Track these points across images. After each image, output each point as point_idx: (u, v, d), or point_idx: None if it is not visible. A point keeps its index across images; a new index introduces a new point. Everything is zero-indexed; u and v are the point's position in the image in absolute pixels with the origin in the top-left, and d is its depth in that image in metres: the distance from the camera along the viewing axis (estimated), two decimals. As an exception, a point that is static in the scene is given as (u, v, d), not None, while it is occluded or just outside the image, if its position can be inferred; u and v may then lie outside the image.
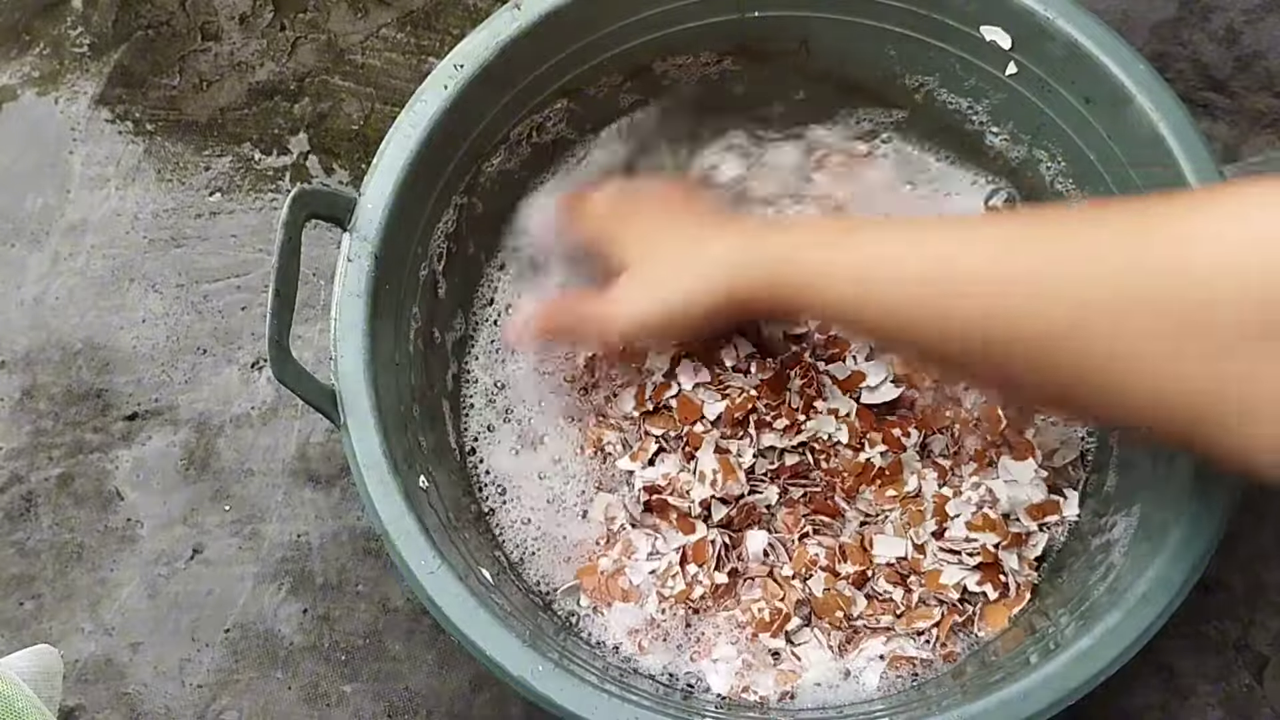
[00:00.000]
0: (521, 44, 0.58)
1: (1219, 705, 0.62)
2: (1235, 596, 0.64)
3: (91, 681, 0.65)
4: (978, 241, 0.45)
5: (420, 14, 0.78)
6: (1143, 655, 0.48)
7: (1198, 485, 0.50)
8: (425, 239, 0.59)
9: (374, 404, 0.52)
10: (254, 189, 0.74)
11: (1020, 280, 0.43)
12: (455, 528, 0.55)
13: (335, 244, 0.55)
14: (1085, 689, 0.48)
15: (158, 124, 0.76)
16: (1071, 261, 0.42)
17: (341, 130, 0.75)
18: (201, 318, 0.71)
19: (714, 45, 0.63)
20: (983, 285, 0.44)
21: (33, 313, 0.72)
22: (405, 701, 0.63)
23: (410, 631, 0.64)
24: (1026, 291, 0.43)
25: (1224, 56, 0.73)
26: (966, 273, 0.45)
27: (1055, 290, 0.42)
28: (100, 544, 0.67)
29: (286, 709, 0.64)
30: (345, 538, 0.66)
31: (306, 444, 0.68)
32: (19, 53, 0.78)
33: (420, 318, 0.59)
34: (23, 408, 0.70)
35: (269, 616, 0.65)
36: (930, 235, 0.48)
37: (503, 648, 0.49)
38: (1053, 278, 0.42)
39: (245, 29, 0.78)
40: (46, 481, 0.68)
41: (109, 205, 0.74)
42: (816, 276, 0.50)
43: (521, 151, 0.63)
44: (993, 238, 0.45)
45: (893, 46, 0.61)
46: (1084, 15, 0.55)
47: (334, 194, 0.54)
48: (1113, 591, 0.51)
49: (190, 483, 0.68)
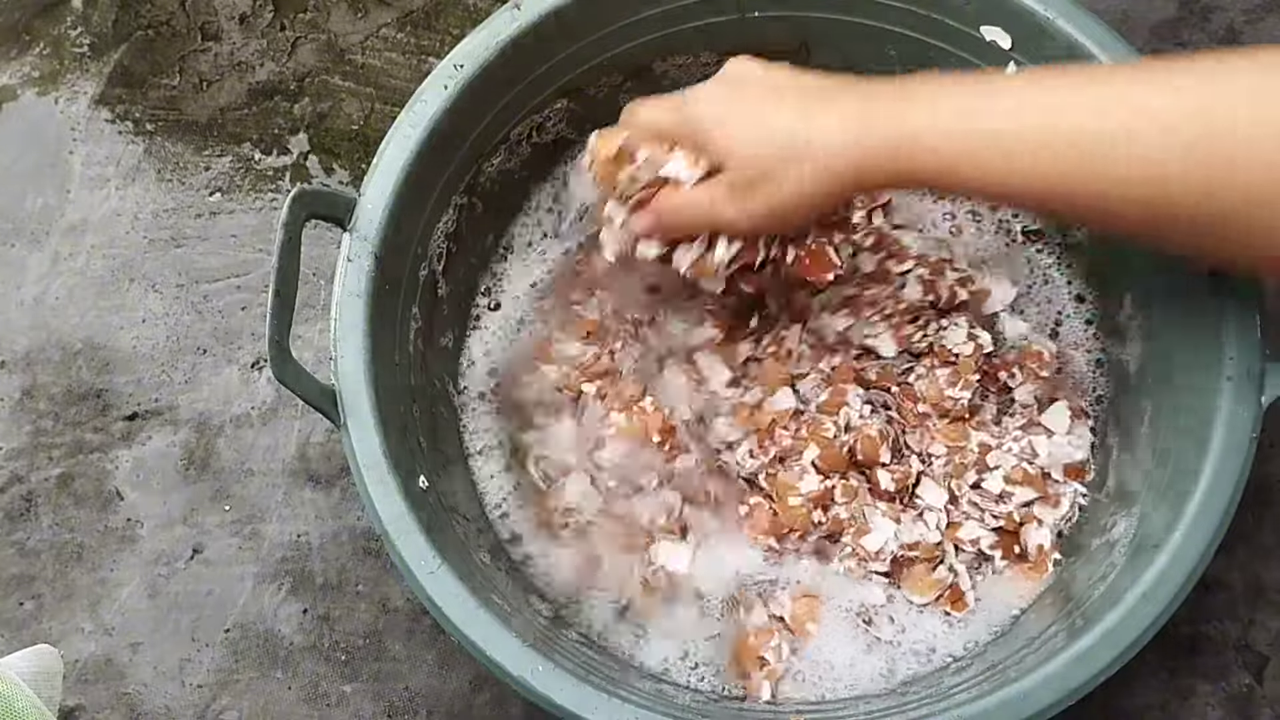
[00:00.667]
0: (521, 44, 0.58)
1: (1219, 705, 0.62)
2: (1235, 596, 0.64)
3: (91, 681, 0.65)
4: (1120, 100, 0.44)
5: (420, 14, 0.78)
6: (1143, 655, 0.48)
7: (1197, 486, 0.50)
8: (425, 239, 0.59)
9: (374, 404, 0.52)
10: (254, 189, 0.74)
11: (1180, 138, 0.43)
12: (456, 528, 0.55)
13: (335, 244, 0.55)
14: (1085, 689, 0.48)
15: (158, 124, 0.76)
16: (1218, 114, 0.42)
17: (341, 130, 0.75)
18: (201, 318, 0.71)
19: (714, 45, 0.63)
20: (1139, 146, 0.43)
21: (33, 313, 0.72)
22: (405, 701, 0.63)
23: (410, 631, 0.64)
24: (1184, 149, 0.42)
25: (1224, 56, 0.73)
26: (1120, 134, 0.44)
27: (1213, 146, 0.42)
28: (100, 544, 0.67)
29: (286, 709, 0.64)
30: (345, 538, 0.66)
31: (306, 444, 0.68)
32: (19, 53, 0.78)
33: (420, 318, 0.59)
34: (23, 408, 0.70)
35: (269, 616, 0.65)
36: (1070, 94, 0.46)
37: (503, 648, 0.49)
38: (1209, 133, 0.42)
39: (245, 29, 0.78)
40: (46, 481, 0.68)
41: (109, 205, 0.74)
42: (959, 156, 0.46)
43: (521, 151, 0.63)
44: (1130, 96, 0.44)
45: (893, 46, 0.61)
46: (1084, 15, 0.55)
47: (334, 194, 0.54)
48: (1113, 591, 0.51)
49: (190, 483, 0.68)
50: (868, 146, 0.48)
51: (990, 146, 0.46)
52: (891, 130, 0.47)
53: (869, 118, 0.48)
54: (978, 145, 0.46)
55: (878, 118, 0.48)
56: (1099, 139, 0.44)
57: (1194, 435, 0.51)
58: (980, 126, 0.46)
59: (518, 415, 0.63)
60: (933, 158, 0.47)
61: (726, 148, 0.51)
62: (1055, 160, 0.45)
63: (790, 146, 0.49)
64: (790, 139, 0.49)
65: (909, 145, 0.47)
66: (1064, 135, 0.45)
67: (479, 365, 0.64)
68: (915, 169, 0.47)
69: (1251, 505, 0.63)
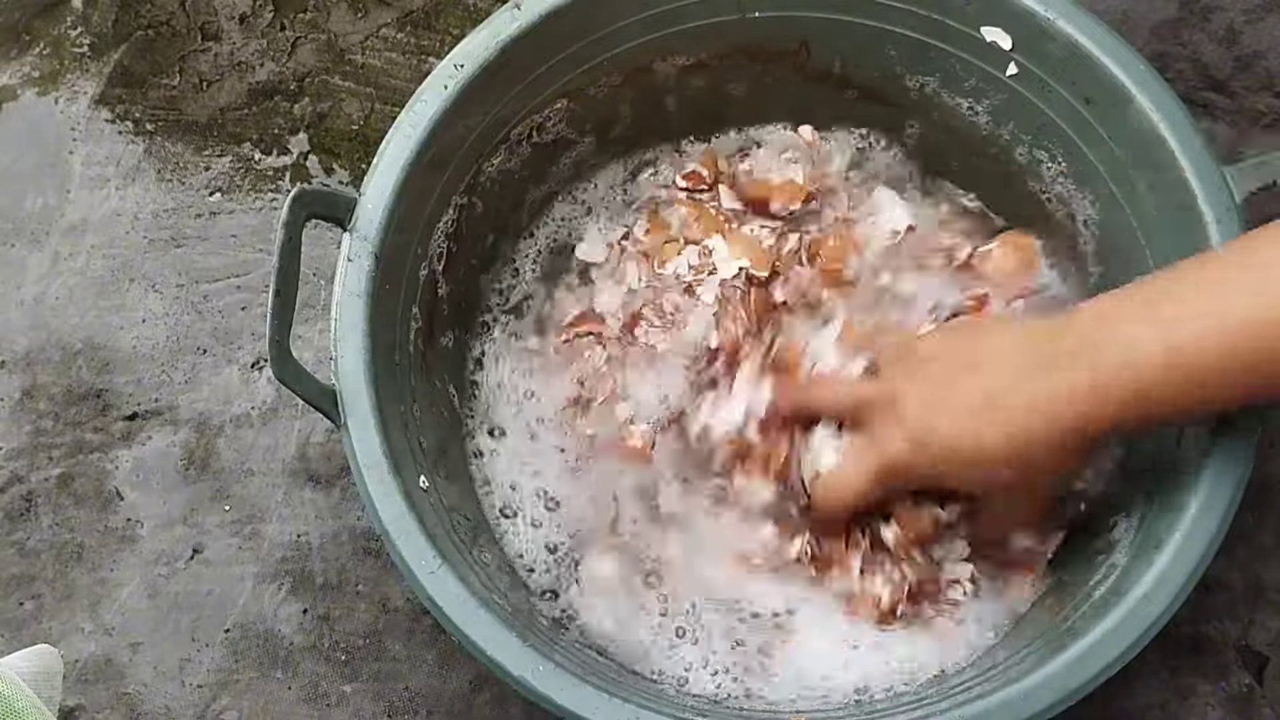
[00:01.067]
0: (521, 44, 0.58)
1: (1219, 705, 0.62)
2: (1235, 596, 0.64)
3: (91, 681, 0.65)
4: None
5: (420, 14, 0.78)
6: (1143, 655, 0.48)
7: (1198, 486, 0.50)
8: (425, 239, 0.59)
9: (374, 404, 0.52)
10: (254, 189, 0.74)
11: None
12: (456, 528, 0.55)
13: (335, 244, 0.55)
14: (1085, 689, 0.48)
15: (158, 124, 0.76)
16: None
17: (341, 130, 0.75)
18: (201, 318, 0.71)
19: (714, 45, 0.63)
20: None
21: (33, 313, 0.72)
22: (405, 701, 0.63)
23: (410, 631, 0.64)
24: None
25: (1224, 56, 0.73)
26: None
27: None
28: (100, 544, 0.67)
29: (286, 709, 0.64)
30: (345, 538, 0.66)
31: (306, 444, 0.68)
32: (19, 53, 0.78)
33: (420, 318, 0.59)
34: (23, 408, 0.70)
35: (269, 616, 0.65)
36: (1238, 299, 0.45)
37: (503, 648, 0.49)
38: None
39: (245, 29, 0.78)
40: (46, 481, 0.68)
41: (109, 205, 0.74)
42: (1154, 386, 0.46)
43: (521, 151, 0.63)
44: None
45: (893, 47, 0.61)
46: (1084, 15, 0.55)
47: (334, 194, 0.54)
48: (1113, 591, 0.51)
49: (190, 483, 0.68)
50: (1091, 402, 0.48)
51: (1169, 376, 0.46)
52: (1115, 379, 0.47)
53: (1094, 372, 0.47)
54: (1164, 377, 0.46)
55: (1100, 373, 0.47)
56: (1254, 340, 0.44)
57: (1194, 435, 0.51)
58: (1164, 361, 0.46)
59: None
60: (1138, 398, 0.47)
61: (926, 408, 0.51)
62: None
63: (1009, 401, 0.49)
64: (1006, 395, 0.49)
65: (1122, 392, 0.47)
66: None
67: (479, 364, 0.64)
68: (1132, 409, 0.47)
69: (1251, 505, 0.63)
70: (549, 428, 0.63)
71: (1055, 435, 0.49)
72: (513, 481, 0.62)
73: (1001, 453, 0.49)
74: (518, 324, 0.66)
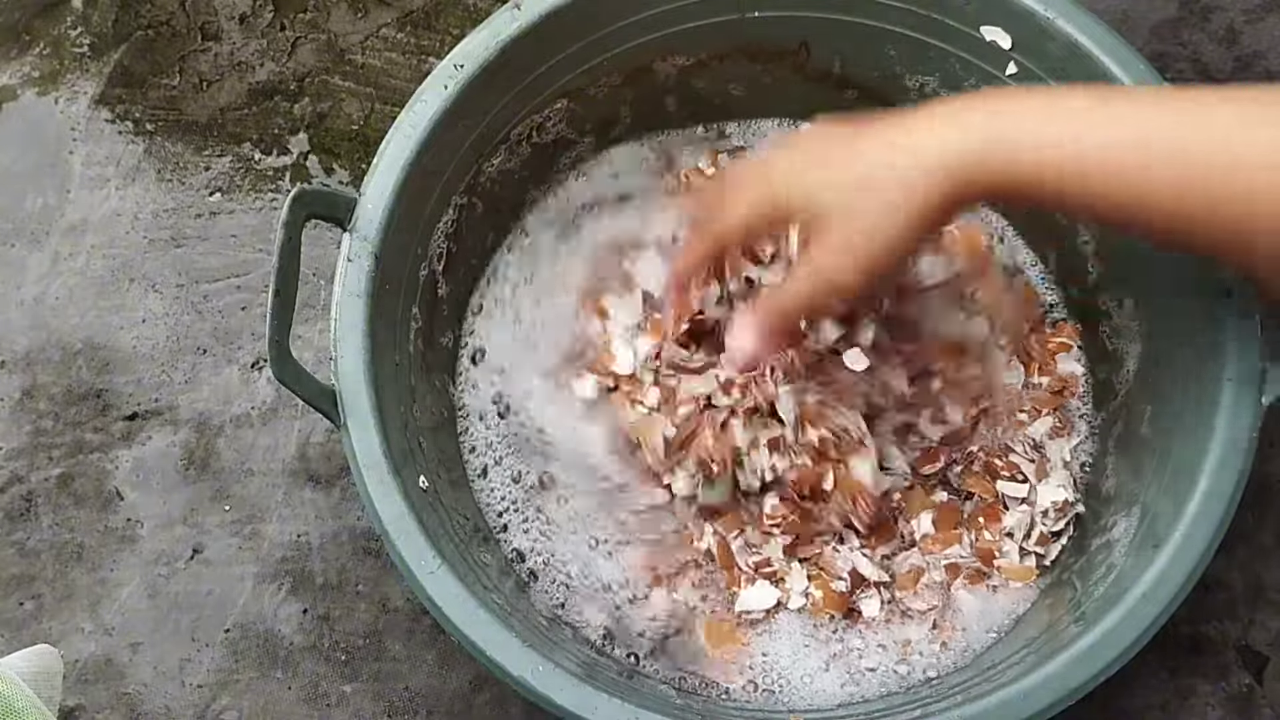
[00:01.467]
0: (521, 44, 0.58)
1: (1219, 705, 0.62)
2: (1235, 596, 0.64)
3: (91, 681, 0.65)
4: (1208, 122, 0.44)
5: (420, 14, 0.78)
6: (1143, 655, 0.48)
7: (1198, 485, 0.50)
8: (425, 239, 0.59)
9: (374, 404, 0.52)
10: (254, 189, 0.74)
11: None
12: (456, 528, 0.55)
13: (335, 244, 0.55)
14: (1085, 689, 0.48)
15: (158, 124, 0.76)
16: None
17: (341, 130, 0.75)
18: (201, 318, 0.71)
19: (714, 45, 0.63)
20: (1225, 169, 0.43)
21: (33, 313, 0.72)
22: (405, 701, 0.63)
23: (410, 631, 0.64)
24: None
25: (1224, 56, 0.73)
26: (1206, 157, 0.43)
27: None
28: (100, 544, 0.67)
29: (286, 709, 0.64)
30: (345, 538, 0.66)
31: (306, 444, 0.68)
32: (19, 53, 0.78)
33: (420, 318, 0.59)
34: (23, 408, 0.70)
35: (269, 616, 0.65)
36: (1162, 117, 0.45)
37: (503, 648, 0.49)
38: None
39: (245, 29, 0.78)
40: (46, 481, 0.68)
41: (109, 205, 0.74)
42: (1054, 169, 0.45)
43: (521, 151, 0.63)
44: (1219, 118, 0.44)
45: (893, 46, 0.61)
46: (1084, 15, 0.56)
47: (334, 194, 0.54)
48: (1113, 591, 0.51)
49: (190, 483, 0.68)
50: (963, 150, 0.46)
51: (1084, 164, 0.45)
52: (992, 132, 0.46)
53: (960, 126, 0.47)
54: (1071, 163, 0.45)
55: (971, 123, 0.46)
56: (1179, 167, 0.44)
57: (1194, 435, 0.51)
58: (1078, 142, 0.45)
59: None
60: (1026, 169, 0.45)
61: (819, 209, 0.49)
62: (1146, 182, 0.44)
63: (882, 173, 0.47)
64: (873, 168, 0.47)
65: (1005, 160, 0.46)
66: (1158, 158, 0.44)
67: (479, 364, 0.64)
68: (1015, 174, 0.46)
69: (1251, 505, 0.63)
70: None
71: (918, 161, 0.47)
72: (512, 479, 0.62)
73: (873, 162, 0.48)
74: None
